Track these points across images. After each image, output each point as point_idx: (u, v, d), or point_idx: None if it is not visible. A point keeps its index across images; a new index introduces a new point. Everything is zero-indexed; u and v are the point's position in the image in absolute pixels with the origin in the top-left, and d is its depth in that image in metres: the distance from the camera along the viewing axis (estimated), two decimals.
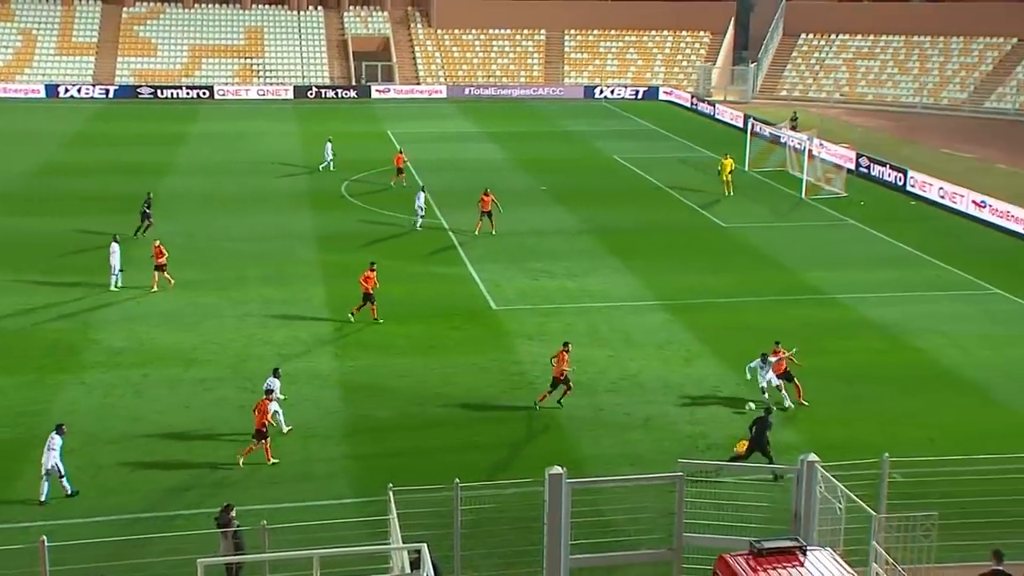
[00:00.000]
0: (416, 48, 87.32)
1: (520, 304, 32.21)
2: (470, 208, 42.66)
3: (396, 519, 15.80)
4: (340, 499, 20.26)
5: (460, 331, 29.78)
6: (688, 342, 28.97)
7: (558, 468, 16.18)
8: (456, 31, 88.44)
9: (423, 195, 41.52)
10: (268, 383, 23.50)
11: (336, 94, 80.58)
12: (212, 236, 39.23)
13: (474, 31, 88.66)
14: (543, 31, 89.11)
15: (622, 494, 19.37)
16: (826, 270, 36.23)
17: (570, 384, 24.35)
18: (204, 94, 78.62)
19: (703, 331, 29.84)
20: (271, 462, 21.55)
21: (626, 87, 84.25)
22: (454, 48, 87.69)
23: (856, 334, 29.97)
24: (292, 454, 22.07)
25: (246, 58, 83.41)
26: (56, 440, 20.27)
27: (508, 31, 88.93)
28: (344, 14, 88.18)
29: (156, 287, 32.46)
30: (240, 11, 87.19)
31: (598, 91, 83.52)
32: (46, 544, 15.19)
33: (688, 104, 78.68)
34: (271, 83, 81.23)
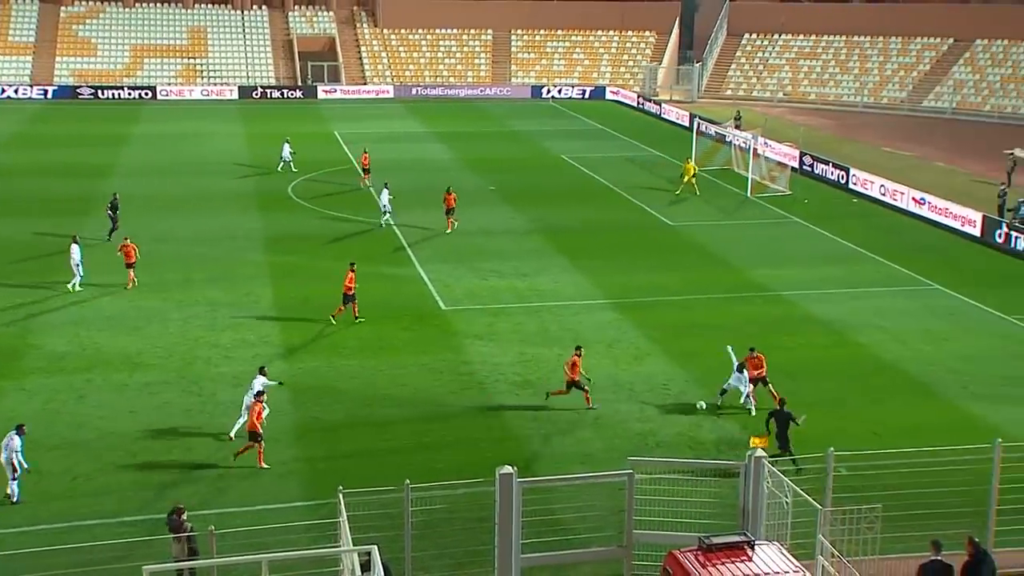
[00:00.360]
0: (363, 48, 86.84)
1: (469, 304, 32.19)
2: (418, 208, 42.59)
3: (346, 521, 15.71)
4: (290, 502, 20.09)
5: (409, 332, 29.68)
6: (637, 340, 29.16)
7: (508, 468, 16.19)
8: (403, 31, 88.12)
9: (387, 192, 41.44)
10: (259, 383, 23.06)
11: (282, 94, 79.90)
12: (156, 238, 38.65)
13: (421, 31, 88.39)
14: (490, 31, 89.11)
15: (573, 492, 19.43)
16: (772, 267, 36.68)
17: (586, 388, 24.39)
18: (146, 95, 77.51)
19: (652, 329, 30.05)
20: (262, 467, 21.37)
21: (573, 87, 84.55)
22: (401, 48, 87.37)
23: (801, 330, 30.38)
24: (241, 457, 21.82)
25: (189, 58, 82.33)
26: (16, 441, 19.88)
27: (455, 31, 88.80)
28: (289, 14, 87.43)
29: (131, 285, 32.60)
30: (182, 10, 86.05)
31: (545, 91, 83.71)
32: None
33: (634, 104, 79.16)
34: (215, 83, 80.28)
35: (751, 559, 14.42)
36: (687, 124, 65.23)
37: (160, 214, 42.49)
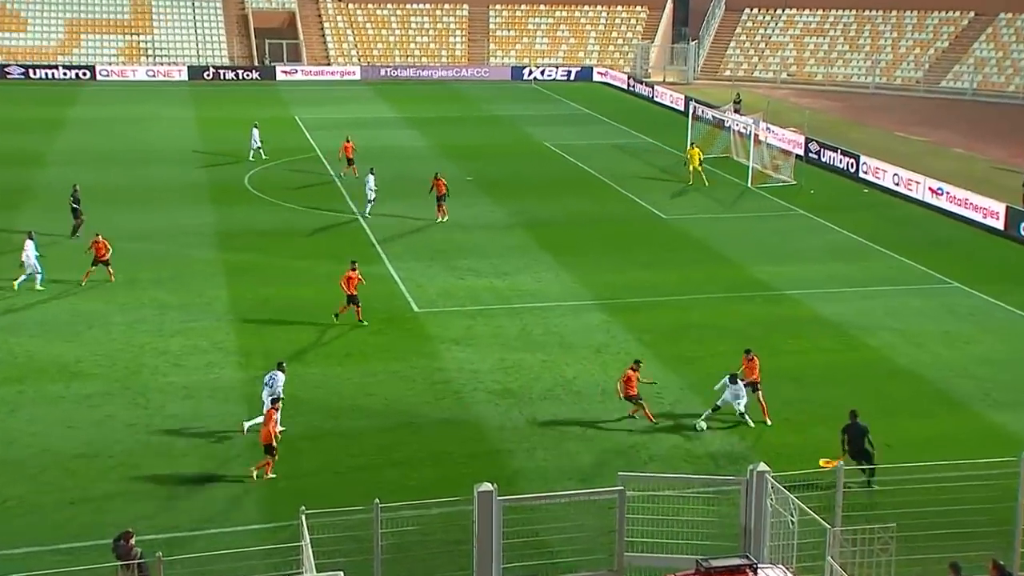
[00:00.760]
0: (326, 25, 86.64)
1: (444, 305, 32.18)
2: (388, 200, 42.51)
3: (309, 545, 15.68)
4: (247, 524, 20.01)
5: (379, 336, 29.65)
6: (628, 345, 29.21)
7: (488, 485, 16.19)
8: (370, 6, 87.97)
9: (372, 178, 41.62)
10: (273, 387, 23.15)
11: (236, 75, 79.64)
12: (97, 234, 38.37)
13: (390, 6, 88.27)
14: (465, 6, 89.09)
15: (559, 511, 19.45)
16: (775, 264, 36.84)
17: (642, 404, 24.42)
18: (85, 75, 77.18)
19: (644, 332, 30.11)
20: (269, 476, 21.54)
21: (557, 67, 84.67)
22: (368, 25, 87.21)
23: (807, 332, 30.52)
24: (193, 476, 21.72)
25: (133, 34, 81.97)
26: None
27: (427, 6, 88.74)
28: None
29: (112, 278, 33.10)
30: None
31: (527, 72, 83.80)
32: None
33: (624, 86, 79.34)
34: (162, 63, 79.98)
35: None
36: (682, 108, 65.46)
37: (102, 207, 42.16)
